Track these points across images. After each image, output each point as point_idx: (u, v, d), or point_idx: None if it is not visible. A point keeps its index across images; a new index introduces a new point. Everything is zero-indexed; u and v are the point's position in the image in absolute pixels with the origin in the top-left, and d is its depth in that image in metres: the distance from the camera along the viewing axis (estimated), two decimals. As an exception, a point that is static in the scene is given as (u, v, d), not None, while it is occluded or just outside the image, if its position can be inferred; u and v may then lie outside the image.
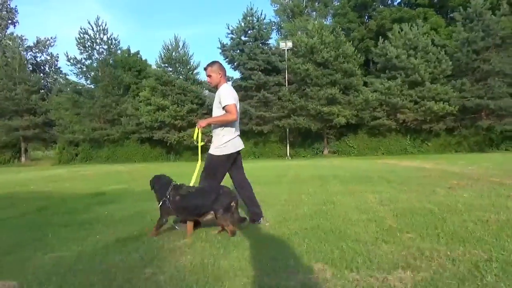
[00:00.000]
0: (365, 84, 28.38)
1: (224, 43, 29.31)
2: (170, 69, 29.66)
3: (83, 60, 30.03)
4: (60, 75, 42.74)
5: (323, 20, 55.83)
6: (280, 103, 27.67)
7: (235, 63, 28.55)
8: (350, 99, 26.65)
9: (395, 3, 50.26)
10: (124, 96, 30.59)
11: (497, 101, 24.65)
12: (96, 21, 30.31)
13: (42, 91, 33.90)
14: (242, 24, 28.77)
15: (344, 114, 25.96)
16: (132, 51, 35.57)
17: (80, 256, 3.17)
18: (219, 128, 4.24)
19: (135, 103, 29.80)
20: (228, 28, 29.55)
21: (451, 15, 44.00)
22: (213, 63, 4.40)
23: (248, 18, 28.93)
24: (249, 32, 28.55)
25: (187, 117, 28.02)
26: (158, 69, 29.31)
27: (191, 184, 4.10)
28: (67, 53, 30.27)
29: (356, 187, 6.97)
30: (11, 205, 6.40)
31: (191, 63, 30.11)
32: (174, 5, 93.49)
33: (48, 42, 47.34)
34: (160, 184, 3.90)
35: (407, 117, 26.41)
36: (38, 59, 46.89)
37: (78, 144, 31.05)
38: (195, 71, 30.26)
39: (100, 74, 29.87)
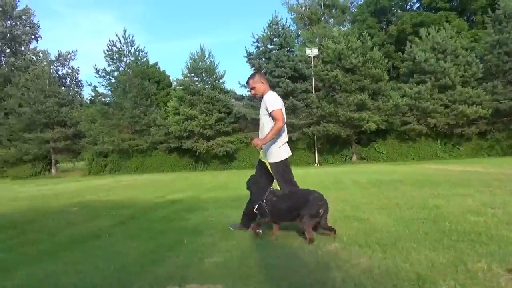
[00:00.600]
0: (392, 89, 28.15)
1: (250, 51, 29.53)
2: (197, 79, 29.95)
3: (112, 72, 30.47)
4: (81, 87, 43.66)
5: (341, 27, 56.02)
6: (308, 110, 27.65)
7: (262, 71, 28.66)
8: (379, 105, 26.47)
9: (415, 7, 50.11)
10: (151, 107, 30.91)
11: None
12: (124, 33, 30.86)
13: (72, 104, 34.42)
14: (268, 32, 28.91)
15: (374, 120, 25.79)
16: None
17: (242, 260, 3.18)
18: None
19: (161, 113, 30.13)
20: (253, 37, 29.79)
21: (473, 18, 43.75)
22: (253, 74, 4.53)
23: (273, 26, 29.08)
24: (275, 40, 28.67)
25: (216, 126, 28.19)
26: (185, 79, 29.59)
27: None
28: (95, 65, 30.91)
29: (437, 191, 6.86)
30: (97, 214, 6.46)
31: (217, 72, 30.40)
32: (187, 15, 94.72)
33: (69, 55, 48.27)
34: (257, 186, 4.15)
35: (438, 122, 26.09)
36: (60, 73, 47.87)
37: (107, 155, 31.40)
38: (221, 80, 30.56)
39: (128, 85, 30.26)
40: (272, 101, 4.22)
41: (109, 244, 4.07)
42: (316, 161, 28.55)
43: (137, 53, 31.26)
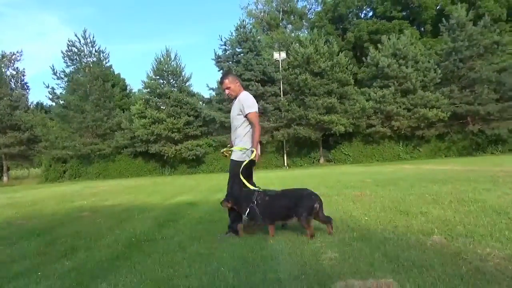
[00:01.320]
0: (357, 93, 29.04)
1: (219, 54, 29.29)
2: (162, 81, 29.19)
3: (71, 74, 28.91)
4: (27, 90, 41.02)
5: (299, 33, 57.23)
6: (278, 113, 27.85)
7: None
8: (346, 108, 27.21)
9: (369, 15, 52.12)
10: (114, 110, 29.71)
11: (484, 107, 25.99)
12: (84, 33, 29.46)
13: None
14: (236, 36, 28.85)
15: (342, 123, 26.47)
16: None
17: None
18: (241, 135, 4.25)
19: (125, 116, 29.08)
20: (221, 40, 29.64)
21: (423, 27, 46.23)
22: (227, 74, 4.46)
23: (241, 29, 29.09)
24: (243, 43, 28.65)
25: (184, 129, 27.62)
26: (151, 81, 28.73)
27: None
28: (53, 66, 29.20)
29: (463, 187, 7.05)
30: (122, 218, 6.04)
31: (184, 75, 29.82)
32: (139, 17, 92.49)
33: (13, 56, 45.28)
34: (240, 198, 4.10)
35: (401, 124, 27.25)
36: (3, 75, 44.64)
37: (66, 160, 29.73)
38: (188, 83, 29.99)
39: (89, 87, 28.87)
40: (249, 103, 4.17)
41: (183, 245, 3.81)
42: (285, 164, 28.80)
43: (98, 54, 29.94)
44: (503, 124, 26.11)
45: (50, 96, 28.93)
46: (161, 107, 27.81)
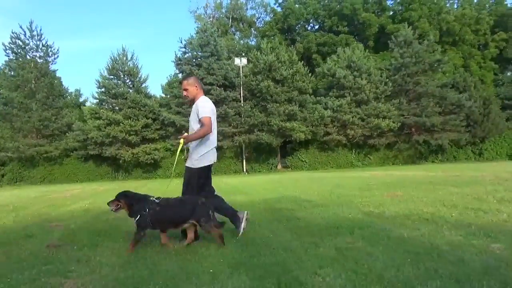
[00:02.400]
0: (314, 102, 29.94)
1: (179, 56, 28.67)
2: (118, 81, 27.88)
3: (17, 69, 26.53)
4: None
5: (248, 41, 57.90)
6: (238, 118, 27.85)
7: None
8: (305, 116, 27.95)
9: (314, 29, 54.14)
10: (63, 109, 27.76)
11: (430, 119, 28.16)
12: (30, 25, 27.25)
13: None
14: (197, 39, 28.50)
15: (302, 130, 27.13)
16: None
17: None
18: (196, 141, 4.25)
19: (76, 116, 27.36)
20: (181, 42, 29.11)
21: (367, 43, 48.99)
22: (189, 76, 4.73)
23: (202, 33, 28.81)
24: (204, 47, 28.35)
25: (142, 132, 26.58)
26: (105, 81, 27.30)
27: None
28: (-7, 59, 26.59)
29: (479, 189, 7.59)
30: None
31: (140, 76, 28.75)
32: (78, 12, 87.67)
33: None
34: (134, 199, 4.04)
35: (355, 133, 28.59)
36: None
37: (5, 163, 27.14)
38: (144, 84, 28.94)
39: (35, 84, 26.70)
40: (203, 108, 4.17)
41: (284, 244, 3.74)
42: (244, 170, 28.82)
43: (46, 48, 27.83)
44: (444, 135, 28.46)
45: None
46: (116, 108, 26.48)
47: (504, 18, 47.06)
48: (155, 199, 4.00)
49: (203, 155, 4.23)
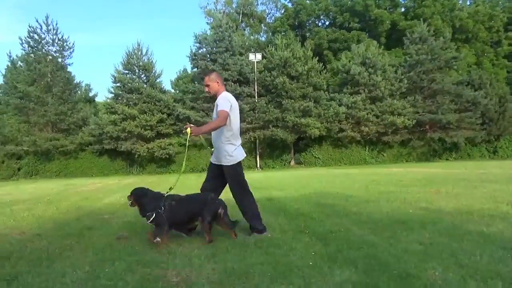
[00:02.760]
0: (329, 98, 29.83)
1: (194, 52, 28.63)
2: (133, 76, 27.90)
3: (33, 63, 26.58)
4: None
5: (258, 36, 57.69)
6: (253, 114, 27.80)
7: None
8: (320, 112, 27.86)
9: (325, 24, 53.91)
10: (79, 104, 27.86)
11: (445, 116, 27.98)
12: (46, 19, 27.30)
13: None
14: (212, 34, 28.46)
15: (317, 126, 27.05)
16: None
17: None
18: (224, 138, 4.21)
19: (91, 111, 27.44)
20: (196, 37, 29.07)
21: (380, 39, 48.71)
22: (211, 72, 4.52)
23: (216, 28, 28.78)
24: (219, 42, 28.31)
25: (157, 127, 26.63)
26: (121, 75, 27.32)
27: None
28: (9, 52, 26.74)
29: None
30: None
31: (155, 71, 28.76)
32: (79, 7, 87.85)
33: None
34: (149, 196, 4.03)
35: (370, 130, 28.47)
36: None
37: (21, 157, 27.30)
38: (159, 79, 28.94)
39: (52, 78, 26.78)
40: (222, 102, 4.14)
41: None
42: (258, 166, 28.82)
43: (61, 43, 27.87)
44: (460, 133, 28.29)
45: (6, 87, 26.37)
46: (131, 103, 26.50)
47: (516, 15, 46.68)
48: (166, 196, 4.03)
49: (235, 151, 4.22)
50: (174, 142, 27.42)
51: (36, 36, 26.88)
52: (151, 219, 3.84)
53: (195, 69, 28.69)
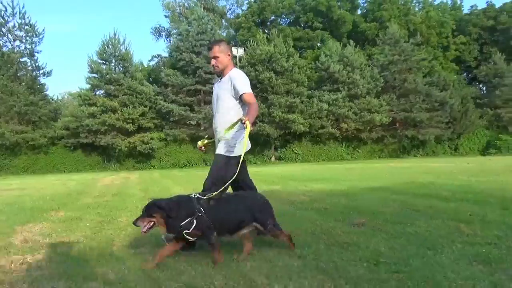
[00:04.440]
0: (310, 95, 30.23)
1: (177, 45, 27.62)
2: (111, 67, 26.33)
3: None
4: None
5: (219, 31, 57.01)
6: (237, 109, 27.38)
7: (192, 66, 26.99)
8: (303, 108, 28.17)
9: (287, 22, 54.63)
10: (50, 95, 25.79)
11: (418, 114, 29.60)
12: (11, 1, 24.89)
13: None
14: (196, 27, 27.68)
15: (301, 122, 27.34)
16: None
17: None
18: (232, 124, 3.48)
19: (68, 103, 25.51)
20: (178, 29, 28.10)
21: (341, 40, 50.25)
22: (220, 41, 3.71)
23: (200, 20, 28.05)
24: (202, 35, 27.59)
25: (139, 120, 25.37)
26: (98, 65, 25.66)
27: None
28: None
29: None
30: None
31: (133, 62, 27.39)
32: None
33: None
34: (174, 202, 2.97)
35: (349, 127, 29.33)
36: None
37: (-18, 151, 24.70)
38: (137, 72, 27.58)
39: (20, 66, 24.47)
40: (244, 81, 3.48)
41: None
42: (240, 161, 28.49)
43: (30, 28, 25.55)
44: (431, 131, 30.08)
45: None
46: (111, 95, 25.03)
47: (462, 23, 50.50)
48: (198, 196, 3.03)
49: (241, 141, 3.43)
50: (155, 136, 26.30)
51: (1, 20, 24.42)
52: (192, 227, 2.83)
53: (181, 62, 27.38)
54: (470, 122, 32.26)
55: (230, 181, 3.33)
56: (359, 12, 51.43)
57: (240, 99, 3.46)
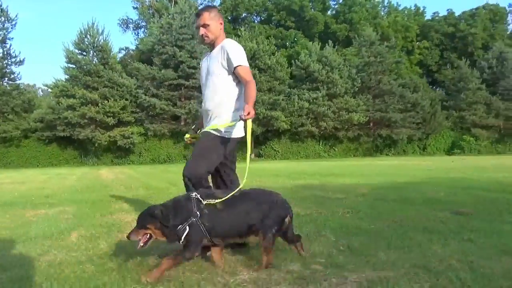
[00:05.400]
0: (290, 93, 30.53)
1: (160, 38, 26.93)
2: (90, 58, 25.27)
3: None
4: None
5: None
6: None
7: (175, 61, 26.40)
8: (284, 106, 28.44)
9: (261, 20, 54.79)
10: (23, 84, 24.34)
11: (393, 115, 30.76)
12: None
13: None
14: (180, 20, 27.17)
15: (283, 120, 27.60)
16: None
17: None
18: (229, 100, 3.07)
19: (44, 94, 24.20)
20: (157, 22, 27.45)
21: (314, 40, 51.09)
22: (211, 7, 3.30)
23: (182, 14, 27.57)
24: (184, 29, 27.12)
25: (120, 114, 24.55)
26: (76, 56, 24.56)
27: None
28: None
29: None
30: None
31: (112, 53, 26.44)
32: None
33: None
34: (171, 206, 2.47)
35: (327, 125, 29.96)
36: None
37: None
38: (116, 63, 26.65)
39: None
40: (240, 52, 3.01)
41: None
42: (221, 158, 28.32)
43: (1, 12, 24.00)
44: (404, 131, 31.36)
45: None
46: (90, 87, 24.04)
47: (425, 29, 52.97)
48: (200, 196, 2.49)
49: (238, 122, 3.01)
50: (135, 131, 25.57)
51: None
52: (184, 235, 2.35)
53: (164, 56, 26.67)
54: (438, 123, 33.91)
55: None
56: (329, 13, 52.47)
57: (234, 74, 2.99)
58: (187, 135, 3.48)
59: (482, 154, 32.60)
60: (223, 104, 3.03)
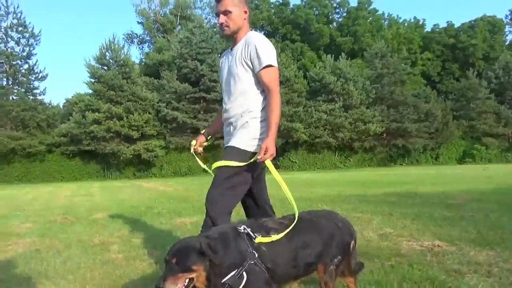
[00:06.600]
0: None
1: (181, 52, 27.20)
2: (110, 72, 25.44)
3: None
4: None
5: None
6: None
7: (196, 74, 26.64)
8: (303, 118, 28.75)
9: (264, 33, 55.28)
10: (46, 99, 24.43)
11: (408, 125, 31.17)
12: (5, 1, 23.51)
13: None
14: (199, 35, 27.52)
15: (302, 131, 27.89)
16: None
17: None
18: (256, 108, 2.58)
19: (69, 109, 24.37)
20: (177, 36, 27.79)
21: (319, 53, 51.78)
22: None
23: (199, 28, 27.96)
24: (204, 43, 27.46)
25: (144, 127, 24.68)
26: (100, 71, 24.75)
27: None
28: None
29: None
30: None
31: (133, 68, 26.69)
32: None
33: None
34: (221, 239, 1.80)
35: (344, 136, 30.29)
36: None
37: (-28, 159, 22.89)
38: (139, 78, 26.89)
39: (14, 68, 23.07)
40: (269, 50, 2.52)
41: None
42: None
43: (24, 29, 24.22)
44: (419, 141, 31.80)
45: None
46: (115, 101, 24.20)
47: (426, 40, 53.95)
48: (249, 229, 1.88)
49: (258, 139, 2.58)
50: (158, 144, 25.68)
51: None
52: (241, 285, 1.73)
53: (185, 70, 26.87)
54: (450, 133, 34.42)
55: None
56: (333, 26, 53.28)
57: (261, 75, 2.46)
58: (193, 142, 2.98)
59: (492, 163, 33.07)
60: (248, 114, 2.52)
